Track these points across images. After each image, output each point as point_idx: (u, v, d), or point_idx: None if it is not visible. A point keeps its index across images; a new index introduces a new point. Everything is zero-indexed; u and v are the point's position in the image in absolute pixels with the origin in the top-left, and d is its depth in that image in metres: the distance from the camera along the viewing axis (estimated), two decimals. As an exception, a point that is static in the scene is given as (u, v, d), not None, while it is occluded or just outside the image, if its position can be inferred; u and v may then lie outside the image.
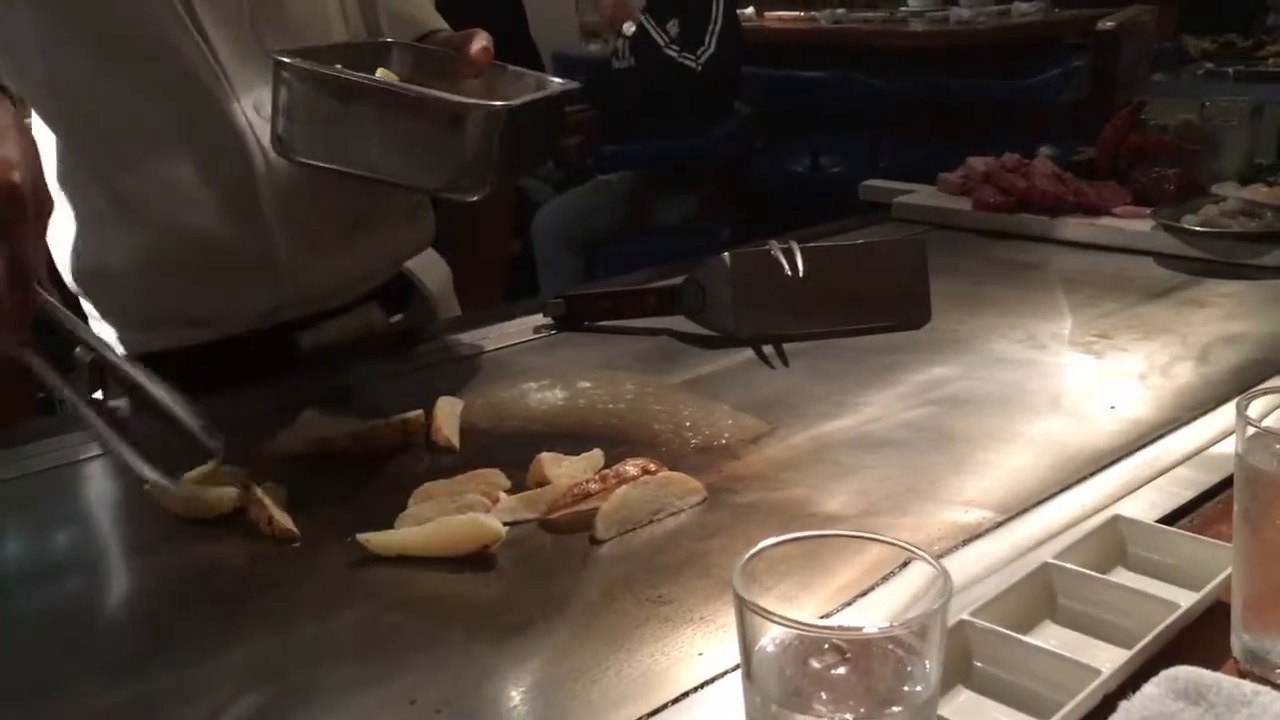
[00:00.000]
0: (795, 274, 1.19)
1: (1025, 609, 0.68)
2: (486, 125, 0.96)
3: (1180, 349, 1.15)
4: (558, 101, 1.15)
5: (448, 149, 0.97)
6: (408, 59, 1.16)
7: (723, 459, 0.94)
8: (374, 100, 0.97)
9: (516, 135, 1.00)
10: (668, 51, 3.26)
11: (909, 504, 0.85)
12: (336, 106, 0.98)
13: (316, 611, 0.74)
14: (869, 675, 0.49)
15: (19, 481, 0.95)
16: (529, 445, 0.93)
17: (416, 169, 0.99)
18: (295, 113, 1.00)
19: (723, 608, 0.71)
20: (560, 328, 1.28)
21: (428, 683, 0.65)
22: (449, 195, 1.02)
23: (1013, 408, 1.03)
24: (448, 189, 1.00)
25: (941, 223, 1.68)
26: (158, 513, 0.86)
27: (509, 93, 1.11)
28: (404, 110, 0.97)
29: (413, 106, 0.97)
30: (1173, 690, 0.56)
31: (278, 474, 0.89)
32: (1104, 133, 1.78)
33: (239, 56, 1.12)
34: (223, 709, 0.64)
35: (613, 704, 0.63)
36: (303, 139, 1.01)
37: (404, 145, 0.98)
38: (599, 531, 0.81)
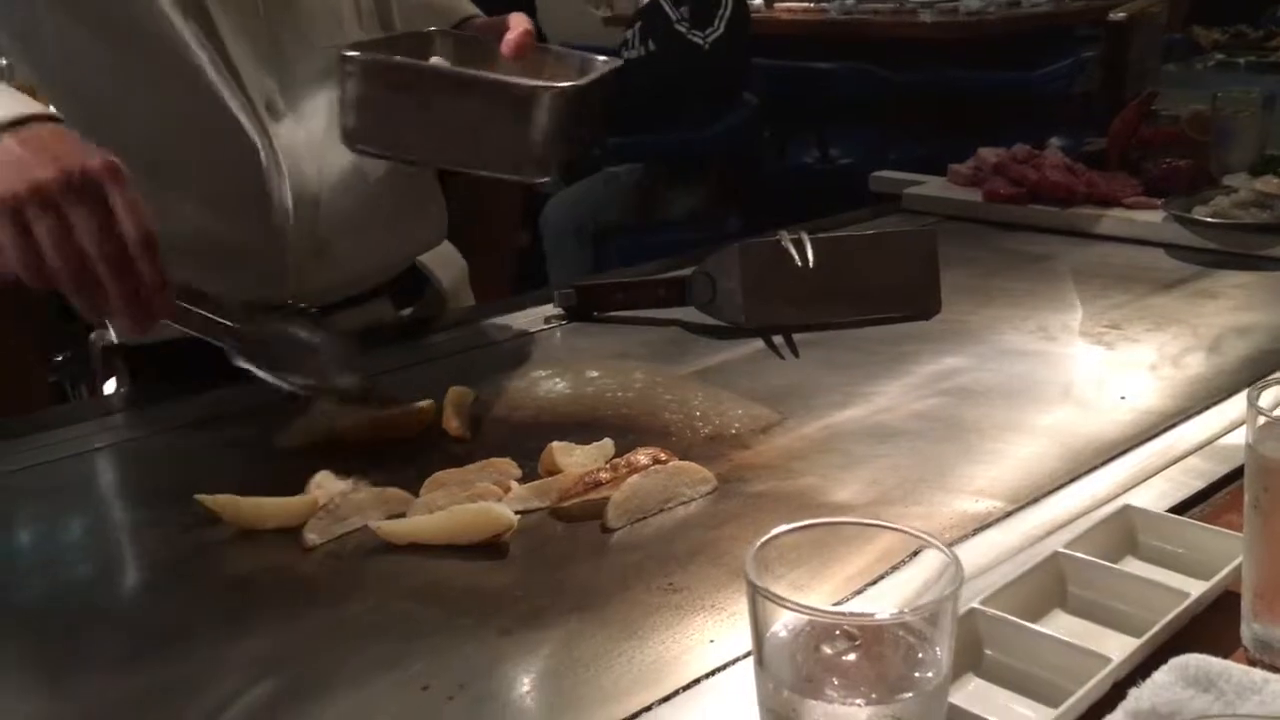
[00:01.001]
0: (805, 265, 1.19)
1: (1035, 598, 0.68)
2: (554, 106, 0.96)
3: (1191, 340, 1.15)
4: (607, 80, 1.15)
5: (517, 133, 0.97)
6: (449, 46, 1.15)
7: (733, 448, 0.94)
8: (444, 87, 0.98)
9: (577, 115, 1.01)
10: (678, 27, 3.27)
11: (919, 493, 0.85)
12: (405, 97, 0.98)
13: (329, 599, 0.74)
14: (880, 662, 0.49)
15: (31, 471, 0.96)
16: (540, 434, 0.93)
17: (486, 154, 0.99)
18: (363, 105, 1.00)
19: (734, 596, 0.72)
20: (570, 318, 1.28)
21: (440, 669, 0.65)
22: (516, 178, 1.02)
23: (1023, 398, 1.03)
24: (516, 172, 1.00)
25: (952, 214, 1.68)
26: (170, 502, 0.86)
27: (556, 74, 1.11)
28: (474, 96, 0.97)
29: (483, 91, 0.97)
30: (1183, 678, 0.57)
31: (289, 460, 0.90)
32: (1115, 124, 1.77)
33: (253, 57, 1.13)
34: (237, 696, 0.64)
35: (625, 691, 0.63)
36: (371, 131, 1.01)
37: (474, 131, 0.98)
38: (610, 520, 0.82)
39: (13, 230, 0.84)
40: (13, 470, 0.96)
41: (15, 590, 0.81)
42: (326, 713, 0.62)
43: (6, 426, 1.05)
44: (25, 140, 0.87)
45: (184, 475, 0.92)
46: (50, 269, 0.84)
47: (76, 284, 0.85)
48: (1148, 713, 0.55)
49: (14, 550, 0.87)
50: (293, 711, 0.62)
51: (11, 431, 1.03)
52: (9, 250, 0.85)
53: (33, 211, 0.84)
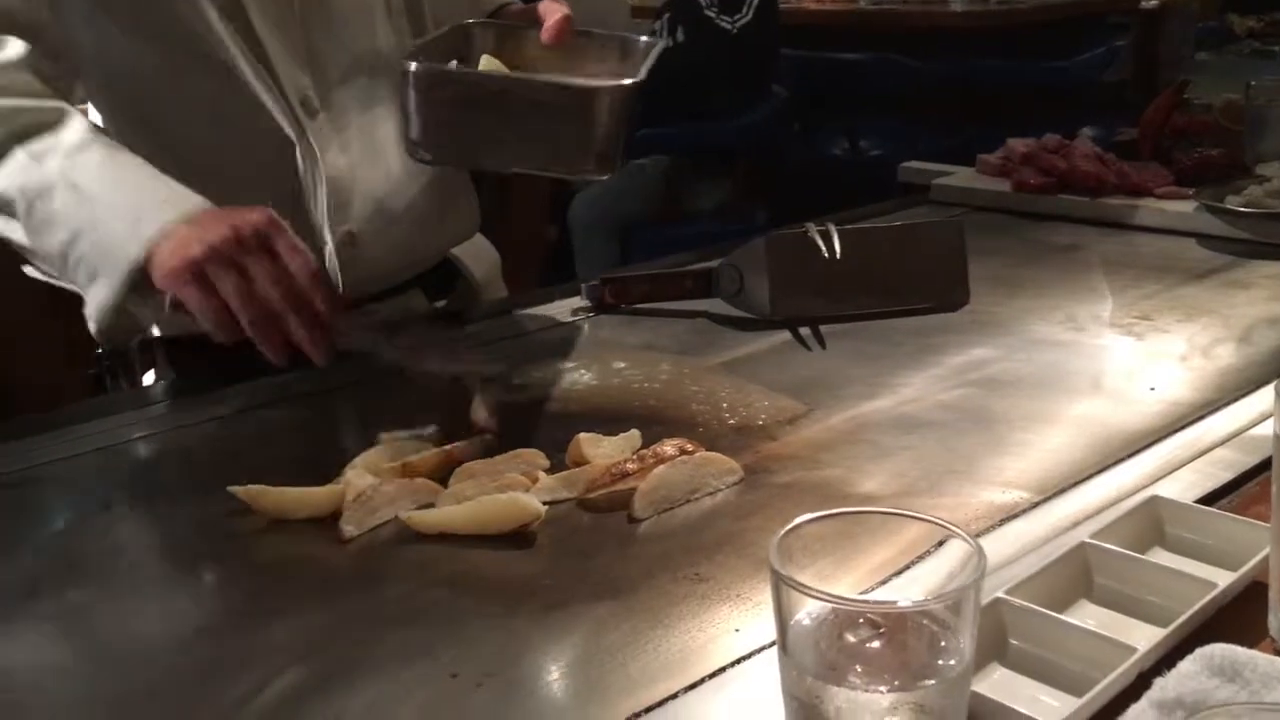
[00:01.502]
0: (832, 256, 1.20)
1: (1061, 588, 0.68)
2: (619, 103, 0.97)
3: (1222, 330, 1.14)
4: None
5: (584, 133, 0.98)
6: (490, 39, 1.16)
7: (759, 439, 0.94)
8: (510, 96, 0.98)
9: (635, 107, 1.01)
10: (707, 13, 3.27)
11: (946, 484, 0.86)
12: (471, 108, 0.99)
13: (359, 587, 0.75)
14: (903, 650, 0.49)
15: (69, 462, 0.98)
16: (567, 425, 0.94)
17: (553, 157, 1.01)
18: (428, 117, 1.02)
19: (759, 585, 0.72)
20: (598, 310, 1.29)
21: (469, 656, 0.66)
22: (581, 177, 1.03)
23: (1051, 389, 1.03)
24: (581, 172, 1.01)
25: (980, 205, 1.67)
26: (203, 492, 0.88)
27: (601, 59, 1.12)
28: (538, 101, 0.97)
29: (549, 96, 0.97)
30: (1209, 667, 0.57)
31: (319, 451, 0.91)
32: (1147, 113, 1.76)
33: (288, 54, 1.14)
34: (270, 680, 0.65)
35: (651, 679, 0.64)
36: (436, 141, 1.03)
37: (541, 136, 0.99)
38: (637, 510, 0.82)
39: (200, 291, 0.93)
40: (51, 461, 0.97)
41: (53, 578, 0.82)
42: (357, 698, 0.63)
43: (45, 418, 1.07)
44: (189, 220, 0.97)
45: (217, 466, 0.94)
46: (238, 320, 0.94)
47: (263, 328, 0.94)
48: (1173, 702, 0.55)
49: (51, 539, 0.89)
50: (324, 696, 0.63)
51: (50, 423, 1.04)
52: (199, 311, 0.94)
53: (214, 270, 0.93)
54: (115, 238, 0.97)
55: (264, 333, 0.95)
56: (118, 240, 0.97)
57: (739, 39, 3.29)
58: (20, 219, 1.00)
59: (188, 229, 0.95)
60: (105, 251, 0.97)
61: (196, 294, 0.93)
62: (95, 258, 0.98)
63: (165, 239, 0.95)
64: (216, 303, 0.94)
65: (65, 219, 0.98)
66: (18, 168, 1.00)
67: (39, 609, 0.77)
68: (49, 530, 0.90)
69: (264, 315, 0.94)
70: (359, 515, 0.82)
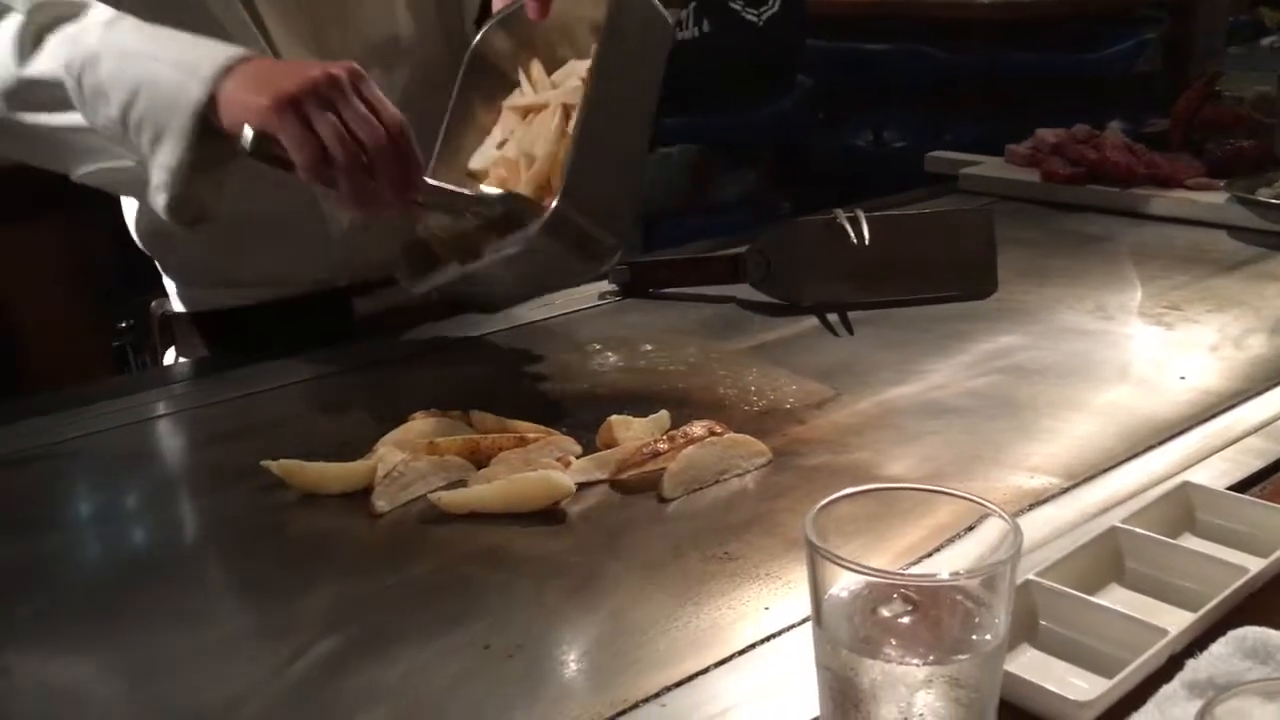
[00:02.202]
0: (861, 242, 1.19)
1: (1092, 571, 0.68)
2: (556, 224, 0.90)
3: (1253, 321, 1.13)
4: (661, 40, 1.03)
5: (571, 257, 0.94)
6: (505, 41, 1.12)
7: (787, 423, 0.95)
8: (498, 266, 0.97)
9: None
10: (732, 4, 3.25)
11: (974, 469, 0.86)
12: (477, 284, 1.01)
13: (393, 562, 0.76)
14: (938, 625, 0.50)
15: (99, 436, 0.99)
16: (596, 408, 0.95)
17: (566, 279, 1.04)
18: None
19: (789, 565, 0.73)
20: (625, 294, 1.29)
21: (501, 628, 0.67)
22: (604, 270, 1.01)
23: (1080, 377, 1.02)
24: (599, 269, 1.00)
25: (1009, 194, 1.67)
26: (235, 467, 0.89)
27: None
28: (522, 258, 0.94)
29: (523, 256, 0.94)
30: (1240, 649, 0.57)
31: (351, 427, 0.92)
32: (1178, 104, 1.75)
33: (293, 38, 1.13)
34: (307, 647, 0.66)
35: (680, 654, 0.64)
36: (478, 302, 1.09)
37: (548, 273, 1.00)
38: (666, 490, 0.83)
39: (299, 126, 0.90)
40: (81, 435, 0.99)
41: (87, 549, 0.84)
42: (392, 668, 0.64)
43: (74, 393, 1.08)
44: (262, 60, 0.95)
45: (248, 441, 0.95)
46: (332, 159, 0.91)
47: (354, 172, 0.91)
48: (1205, 683, 0.55)
49: (85, 511, 0.90)
50: (359, 665, 0.64)
51: (78, 399, 1.06)
52: (298, 145, 0.90)
53: (311, 107, 0.90)
54: (173, 86, 0.93)
55: (354, 177, 0.92)
56: (177, 87, 0.93)
57: (765, 31, 3.28)
58: (73, 97, 0.97)
59: (255, 67, 0.93)
60: (166, 103, 0.94)
61: (297, 128, 0.90)
62: (156, 112, 0.94)
63: (228, 79, 0.93)
64: (316, 139, 0.90)
65: (117, 82, 0.95)
66: (56, 49, 0.98)
67: (74, 581, 0.78)
68: (79, 505, 0.92)
69: (357, 159, 0.91)
70: (391, 491, 0.83)
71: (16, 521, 0.85)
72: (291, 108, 0.90)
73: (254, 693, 0.63)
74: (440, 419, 0.92)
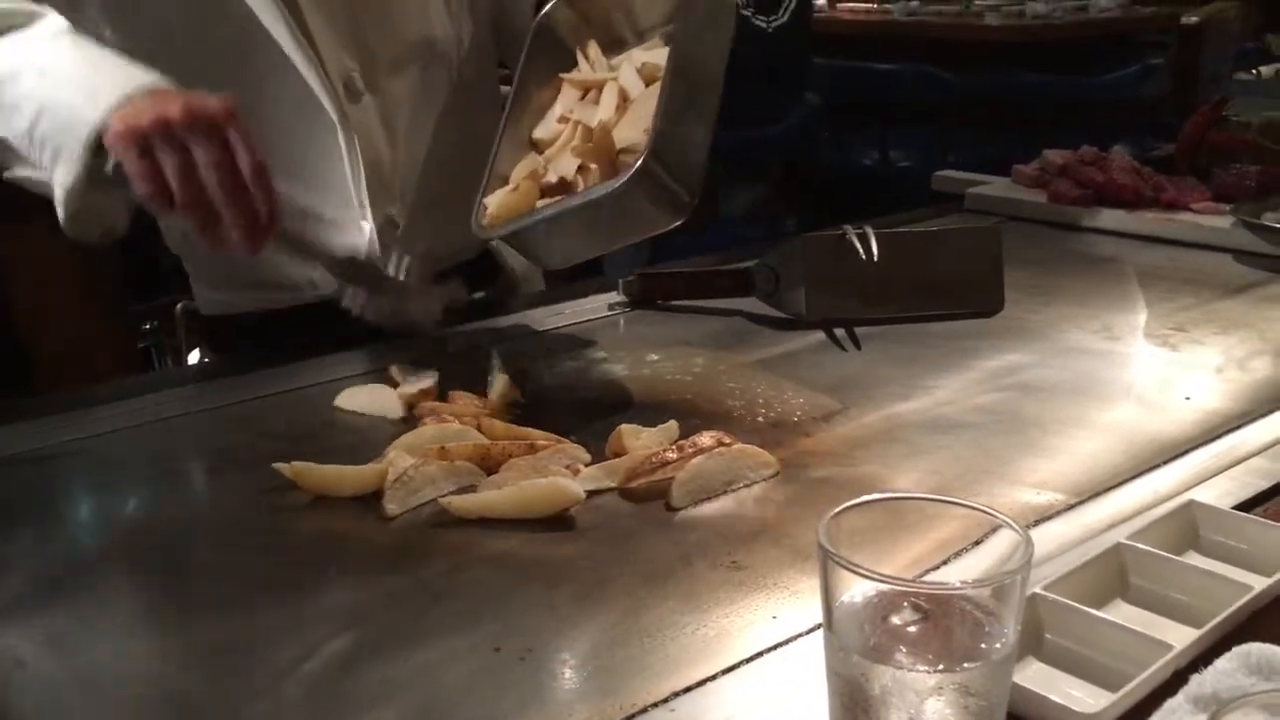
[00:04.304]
0: (870, 259, 1.20)
1: (1097, 586, 0.69)
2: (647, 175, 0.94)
3: (1258, 344, 1.14)
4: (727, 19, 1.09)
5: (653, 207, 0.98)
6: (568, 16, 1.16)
7: (795, 435, 0.95)
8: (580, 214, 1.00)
9: None
10: (743, 11, 3.27)
11: (980, 484, 0.86)
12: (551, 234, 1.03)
13: (404, 564, 0.77)
14: (948, 635, 0.50)
15: (116, 435, 1.00)
16: (603, 417, 0.96)
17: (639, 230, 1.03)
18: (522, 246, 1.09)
19: (796, 575, 0.73)
20: (634, 306, 1.30)
21: (511, 632, 0.68)
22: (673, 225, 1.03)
23: (1086, 396, 1.03)
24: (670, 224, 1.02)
25: (1015, 215, 1.68)
26: (247, 468, 0.90)
27: None
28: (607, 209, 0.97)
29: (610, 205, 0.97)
30: (1245, 665, 0.57)
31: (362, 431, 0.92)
32: (1185, 129, 1.76)
33: (333, 36, 1.15)
34: (317, 648, 0.67)
35: (689, 661, 0.65)
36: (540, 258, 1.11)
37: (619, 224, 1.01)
38: (674, 499, 0.83)
39: (140, 162, 0.92)
40: (97, 434, 1.00)
41: (99, 547, 0.85)
42: (403, 668, 0.64)
43: (90, 392, 1.09)
44: (155, 92, 0.96)
45: (262, 443, 0.96)
46: (173, 197, 0.93)
47: (196, 211, 0.93)
48: (1209, 698, 0.56)
49: (98, 510, 0.91)
50: (370, 665, 0.65)
51: (97, 398, 1.07)
52: (134, 177, 0.93)
53: (159, 144, 0.92)
54: (74, 110, 0.96)
55: (195, 215, 0.94)
56: (77, 112, 0.96)
57: (774, 38, 3.29)
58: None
59: (144, 100, 0.95)
60: (65, 125, 0.96)
61: (136, 162, 0.92)
62: (57, 133, 0.97)
63: (121, 108, 0.94)
64: (155, 176, 0.92)
65: (30, 99, 0.98)
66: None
67: (86, 579, 0.79)
68: (92, 504, 0.92)
69: (197, 198, 0.93)
70: (401, 494, 0.84)
71: (32, 518, 0.86)
72: (137, 141, 0.92)
73: (265, 691, 0.64)
74: (451, 425, 0.93)
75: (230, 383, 1.11)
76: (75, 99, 0.96)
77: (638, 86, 1.07)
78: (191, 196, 0.92)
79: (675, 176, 0.96)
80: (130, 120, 0.93)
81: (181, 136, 0.92)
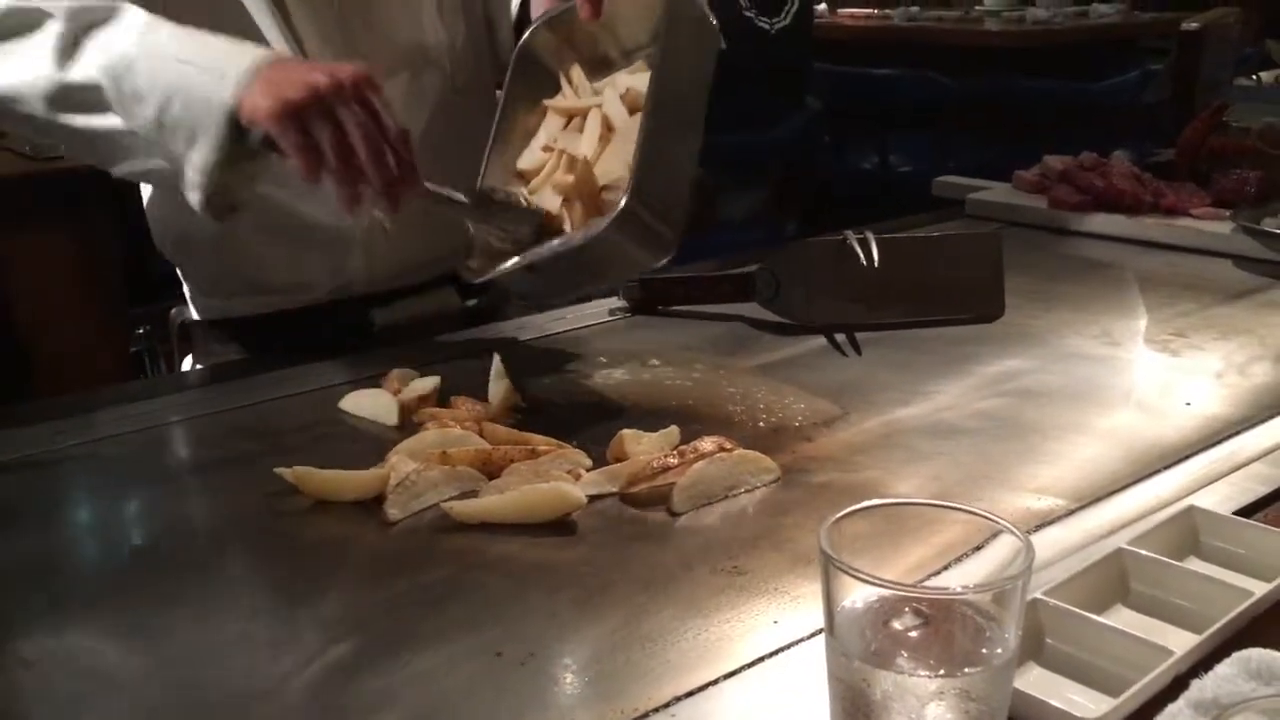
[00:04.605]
0: (870, 264, 1.21)
1: (1097, 591, 0.69)
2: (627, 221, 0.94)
3: (1258, 349, 1.14)
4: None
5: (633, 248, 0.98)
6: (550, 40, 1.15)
7: (795, 440, 0.95)
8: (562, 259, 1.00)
9: None
10: (746, 14, 3.27)
11: (981, 489, 0.86)
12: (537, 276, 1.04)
13: (405, 569, 0.77)
14: (949, 640, 0.50)
15: (114, 440, 1.00)
16: (605, 422, 0.96)
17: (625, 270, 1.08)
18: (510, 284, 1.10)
19: (797, 580, 0.73)
20: (634, 311, 1.30)
21: (512, 636, 0.68)
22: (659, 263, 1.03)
23: (1086, 401, 1.03)
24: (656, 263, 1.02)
25: (1016, 220, 1.68)
26: (247, 473, 0.90)
27: None
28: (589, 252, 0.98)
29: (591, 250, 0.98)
30: (1245, 670, 0.57)
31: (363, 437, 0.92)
32: (1185, 134, 1.76)
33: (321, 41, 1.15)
34: (319, 652, 0.67)
35: (690, 665, 0.65)
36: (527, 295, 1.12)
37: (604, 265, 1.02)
38: (676, 504, 0.83)
39: (297, 134, 0.94)
40: (96, 439, 1.00)
41: (100, 553, 0.85)
42: (405, 671, 0.65)
43: (89, 398, 1.09)
44: (282, 64, 0.99)
45: (262, 447, 0.96)
46: (327, 165, 0.95)
47: (347, 179, 0.96)
48: (1210, 703, 0.56)
49: (98, 515, 0.91)
50: (372, 670, 0.65)
51: (95, 403, 1.07)
52: (294, 152, 0.95)
53: (313, 116, 0.94)
54: (206, 90, 0.97)
55: (347, 184, 0.96)
56: (209, 91, 0.97)
57: (777, 41, 3.29)
58: (111, 100, 1.01)
59: (274, 73, 0.97)
60: (198, 107, 0.98)
61: (295, 137, 0.94)
62: (190, 116, 0.98)
63: (253, 82, 0.96)
64: (313, 146, 0.95)
65: (153, 86, 0.99)
66: (95, 53, 1.01)
67: (88, 584, 0.79)
68: (93, 508, 0.93)
69: (352, 168, 0.95)
70: (403, 499, 0.84)
71: (33, 523, 0.86)
72: (293, 115, 0.94)
73: (267, 696, 0.64)
74: (452, 430, 0.93)
75: (232, 387, 1.11)
76: (202, 79, 0.97)
77: (621, 115, 1.07)
78: (342, 164, 0.95)
79: (659, 217, 0.96)
80: (277, 94, 0.94)
81: (333, 107, 0.94)
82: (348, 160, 0.95)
